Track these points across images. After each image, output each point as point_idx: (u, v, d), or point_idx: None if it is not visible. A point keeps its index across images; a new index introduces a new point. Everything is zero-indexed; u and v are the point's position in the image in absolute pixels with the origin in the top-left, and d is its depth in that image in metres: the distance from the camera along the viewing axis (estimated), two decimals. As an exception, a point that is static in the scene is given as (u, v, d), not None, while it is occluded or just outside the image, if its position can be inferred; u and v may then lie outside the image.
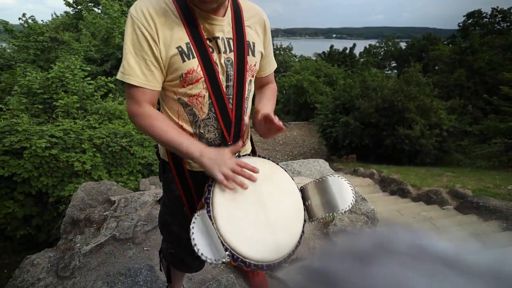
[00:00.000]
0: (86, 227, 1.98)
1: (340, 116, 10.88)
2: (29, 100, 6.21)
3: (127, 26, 0.75)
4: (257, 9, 0.94)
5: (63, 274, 1.54)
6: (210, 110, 0.87)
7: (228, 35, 0.84)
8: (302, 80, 17.45)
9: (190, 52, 0.78)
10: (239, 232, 0.76)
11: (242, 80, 0.89)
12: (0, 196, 3.39)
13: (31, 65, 13.52)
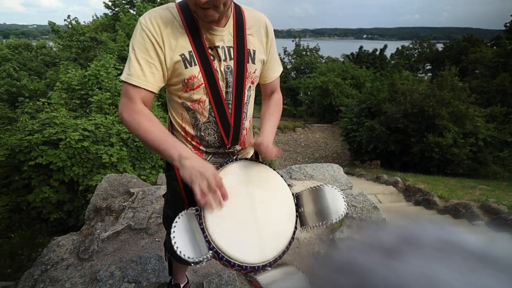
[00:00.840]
0: (106, 215, 2.15)
1: (365, 120, 10.51)
2: (68, 96, 6.77)
3: (135, 32, 0.82)
4: (260, 16, 0.96)
5: (83, 256, 1.70)
6: (210, 114, 0.91)
7: (229, 44, 0.88)
8: (328, 82, 17.08)
9: (192, 60, 0.83)
10: (226, 232, 0.80)
11: (241, 87, 0.92)
12: (39, 182, 3.76)
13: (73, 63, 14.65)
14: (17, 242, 3.78)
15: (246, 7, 0.95)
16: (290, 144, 15.22)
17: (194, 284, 1.50)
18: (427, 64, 27.73)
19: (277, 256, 0.83)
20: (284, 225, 0.88)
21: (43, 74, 15.91)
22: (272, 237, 0.85)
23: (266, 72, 1.04)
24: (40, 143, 3.67)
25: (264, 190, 0.91)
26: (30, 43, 21.55)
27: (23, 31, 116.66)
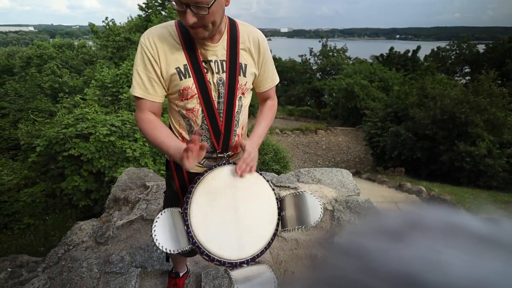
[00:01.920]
0: (123, 205, 2.35)
1: (390, 125, 10.08)
2: (101, 92, 7.32)
3: (138, 50, 0.93)
4: (253, 32, 1.03)
5: (99, 240, 1.89)
6: (203, 122, 1.00)
7: (222, 58, 0.95)
8: (353, 84, 16.58)
9: (187, 72, 0.92)
10: (209, 229, 0.89)
11: (232, 97, 0.99)
12: (71, 171, 4.14)
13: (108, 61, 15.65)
14: (51, 224, 4.20)
15: (242, 22, 1.03)
16: (311, 146, 15.03)
17: (193, 274, 1.61)
18: (466, 67, 25.77)
19: (254, 254, 0.90)
20: (264, 227, 0.95)
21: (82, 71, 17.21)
22: (252, 237, 0.92)
23: (259, 83, 1.11)
24: (73, 136, 4.05)
25: (248, 193, 0.98)
26: (72, 43, 23.41)
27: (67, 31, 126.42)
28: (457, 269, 0.20)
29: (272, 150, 5.29)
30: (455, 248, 0.22)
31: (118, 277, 1.55)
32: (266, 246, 0.93)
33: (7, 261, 1.90)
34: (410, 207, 0.37)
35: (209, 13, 0.80)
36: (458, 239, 0.24)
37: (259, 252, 0.91)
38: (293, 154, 13.83)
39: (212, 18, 0.83)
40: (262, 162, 5.04)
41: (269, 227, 0.96)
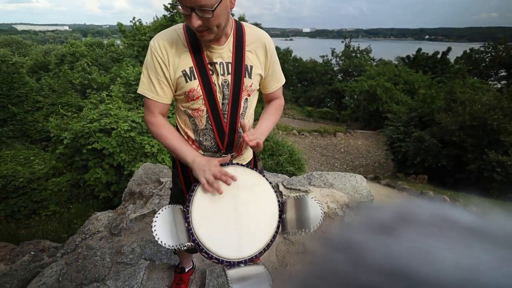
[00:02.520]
0: (138, 199, 2.44)
1: (413, 130, 9.64)
2: (126, 90, 7.64)
3: (147, 54, 0.97)
4: (259, 34, 1.03)
5: (113, 231, 1.98)
6: (208, 122, 1.02)
7: (228, 60, 0.96)
8: (376, 86, 16.04)
9: (192, 75, 0.95)
10: (209, 228, 0.90)
11: (237, 99, 1.00)
12: (94, 164, 4.37)
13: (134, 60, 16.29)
14: (74, 212, 4.46)
15: (248, 25, 1.03)
16: (328, 148, 14.74)
17: (199, 271, 1.64)
18: (502, 70, 24.00)
19: (252, 255, 0.90)
20: (264, 228, 0.95)
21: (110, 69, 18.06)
22: (251, 237, 0.92)
23: (266, 84, 1.11)
24: (97, 131, 4.27)
25: (250, 194, 0.99)
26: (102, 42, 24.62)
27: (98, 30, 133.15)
28: (447, 261, 0.20)
29: (287, 151, 5.25)
30: (445, 241, 0.23)
31: (128, 268, 1.62)
32: (265, 247, 0.93)
33: (31, 245, 2.04)
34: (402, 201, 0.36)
35: (214, 16, 0.81)
36: (448, 231, 0.24)
37: (257, 253, 0.91)
38: (310, 156, 13.63)
39: (217, 21, 0.84)
40: (276, 163, 5.02)
41: (269, 228, 0.95)
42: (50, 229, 3.93)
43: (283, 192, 2.40)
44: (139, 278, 1.54)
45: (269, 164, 4.92)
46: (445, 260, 0.21)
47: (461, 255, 0.21)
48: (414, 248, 0.23)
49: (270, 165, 4.91)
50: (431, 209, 0.28)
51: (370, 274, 0.22)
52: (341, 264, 0.25)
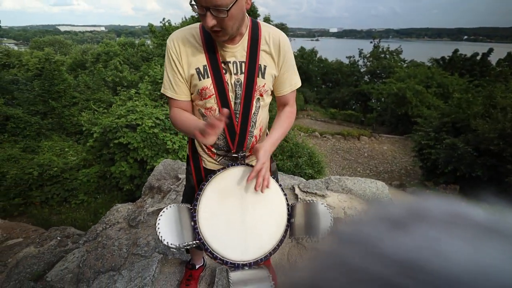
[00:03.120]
0: (156, 193, 2.52)
1: (445, 136, 9.03)
2: (152, 87, 7.97)
3: (166, 53, 0.99)
4: (275, 32, 1.01)
5: (131, 223, 2.06)
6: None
7: (242, 59, 0.96)
8: (405, 89, 15.22)
9: (206, 73, 0.95)
10: (215, 228, 0.89)
11: (250, 99, 0.99)
12: (120, 157, 4.60)
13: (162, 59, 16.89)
14: (100, 202, 4.74)
15: (264, 24, 1.02)
16: (351, 152, 14.26)
17: (209, 268, 1.65)
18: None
19: (258, 258, 0.88)
20: (270, 232, 0.93)
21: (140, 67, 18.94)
22: (257, 240, 0.91)
23: (278, 85, 1.08)
24: (123, 126, 4.49)
25: (258, 196, 0.97)
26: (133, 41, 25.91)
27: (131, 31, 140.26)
28: (460, 258, 0.20)
29: (306, 153, 5.15)
30: (458, 238, 0.23)
31: (142, 260, 1.67)
32: (271, 251, 0.91)
33: (58, 230, 2.19)
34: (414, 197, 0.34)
35: (228, 16, 0.80)
36: (461, 228, 0.24)
37: (263, 257, 0.89)
38: (331, 160, 13.29)
39: (232, 21, 0.83)
40: (295, 164, 4.95)
41: (276, 232, 0.93)
42: (78, 216, 4.20)
43: (299, 195, 2.35)
44: (151, 271, 1.59)
45: (288, 166, 4.86)
46: (458, 255, 0.21)
47: (474, 250, 0.21)
48: (425, 242, 0.23)
49: (288, 167, 4.85)
50: (443, 206, 0.28)
51: (380, 267, 0.22)
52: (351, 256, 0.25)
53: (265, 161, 0.96)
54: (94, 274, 1.62)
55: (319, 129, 18.42)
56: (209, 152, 1.12)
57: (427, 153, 9.42)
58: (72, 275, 1.66)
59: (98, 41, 44.70)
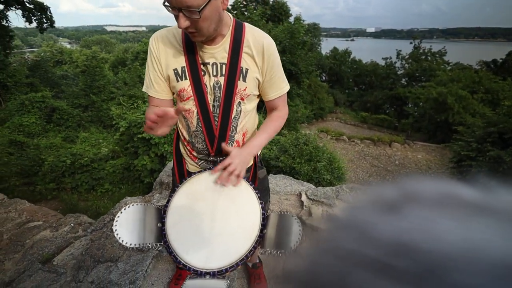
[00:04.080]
0: (165, 189, 2.59)
1: (490, 148, 8.12)
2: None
3: (148, 51, 0.98)
4: (259, 36, 0.95)
5: (136, 217, 2.14)
6: (198, 124, 0.99)
7: (222, 60, 0.92)
8: (447, 94, 14.00)
9: (184, 74, 0.93)
10: (181, 232, 0.86)
11: (230, 102, 0.95)
12: (143, 151, 4.83)
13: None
14: (123, 193, 5.02)
15: (250, 26, 0.97)
16: (381, 159, 13.48)
17: (201, 270, 1.65)
18: None
19: (222, 268, 0.84)
20: (239, 242, 0.87)
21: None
22: (222, 249, 0.86)
23: (265, 90, 1.03)
24: (147, 122, 4.70)
25: (231, 203, 0.92)
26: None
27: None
28: (451, 237, 0.21)
29: (326, 158, 4.96)
30: (449, 216, 0.23)
31: (138, 254, 1.72)
32: (238, 262, 0.85)
33: (73, 217, 2.34)
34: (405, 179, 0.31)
35: (202, 17, 0.77)
36: (452, 208, 0.25)
37: (228, 267, 0.84)
38: (358, 165, 12.69)
39: (206, 22, 0.80)
40: (313, 169, 4.79)
41: (244, 243, 0.87)
42: (102, 204, 4.49)
43: (305, 202, 2.25)
44: (145, 266, 1.62)
45: (305, 170, 4.72)
46: (450, 234, 0.21)
47: (466, 228, 0.22)
48: (417, 223, 0.23)
49: (306, 171, 4.70)
50: (434, 186, 0.28)
51: (374, 249, 0.22)
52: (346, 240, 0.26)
53: (236, 158, 0.92)
54: (93, 263, 1.70)
55: (348, 133, 17.70)
56: (191, 155, 1.10)
57: (467, 165, 8.56)
58: (75, 261, 1.75)
59: (139, 40, 47.73)
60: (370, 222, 0.26)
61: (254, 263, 1.60)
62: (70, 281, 1.59)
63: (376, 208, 0.28)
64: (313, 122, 20.18)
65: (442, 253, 0.20)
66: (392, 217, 0.25)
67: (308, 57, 15.15)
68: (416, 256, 0.20)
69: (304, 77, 14.38)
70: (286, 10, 20.13)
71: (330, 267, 0.25)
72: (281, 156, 5.13)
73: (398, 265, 0.20)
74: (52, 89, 12.44)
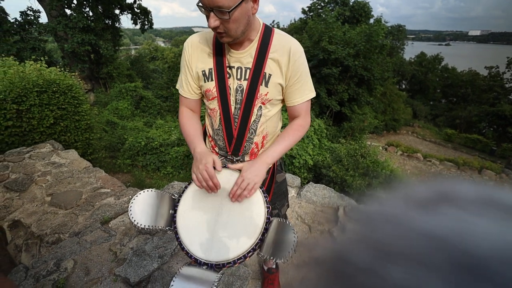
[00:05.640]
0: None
1: None
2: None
3: (182, 53, 1.08)
4: (287, 41, 0.95)
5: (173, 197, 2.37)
6: (220, 123, 1.05)
7: (247, 65, 0.96)
8: None
9: (210, 76, 0.99)
10: (187, 221, 0.92)
11: (250, 105, 0.99)
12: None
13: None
14: (182, 177, 5.59)
15: (279, 32, 0.97)
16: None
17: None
18: None
19: (220, 263, 0.87)
20: (238, 241, 0.89)
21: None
22: (222, 245, 0.89)
23: (287, 95, 1.02)
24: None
25: (238, 203, 0.94)
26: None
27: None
28: (489, 236, 0.21)
29: (385, 175, 4.46)
30: (488, 218, 0.23)
31: (171, 233, 1.91)
32: (236, 260, 0.87)
33: (132, 190, 2.74)
34: (440, 179, 0.28)
35: (231, 18, 0.81)
36: (489, 210, 0.24)
37: (225, 262, 0.87)
38: (432, 190, 10.93)
39: (235, 24, 0.84)
40: (367, 184, 4.38)
41: (244, 243, 0.88)
42: (162, 184, 5.10)
43: (340, 218, 2.09)
44: (174, 245, 1.78)
45: (358, 184, 4.35)
46: (487, 235, 0.21)
47: (504, 231, 0.21)
48: (455, 222, 0.23)
49: (358, 185, 4.33)
50: (474, 188, 0.28)
51: (411, 245, 0.23)
52: (381, 235, 0.26)
53: (247, 173, 0.94)
54: (136, 232, 1.96)
55: (425, 150, 15.46)
56: (214, 151, 1.16)
57: None
58: (124, 228, 2.06)
59: (219, 40, 51.90)
60: (404, 215, 0.26)
61: (269, 267, 1.58)
62: (116, 243, 1.88)
63: (409, 203, 0.27)
64: (384, 134, 18.33)
65: (477, 252, 0.20)
66: (426, 213, 0.25)
67: (385, 62, 13.81)
68: (451, 252, 0.20)
69: (378, 83, 13.18)
70: (368, 11, 18.77)
71: (361, 256, 0.25)
72: (334, 166, 4.86)
73: (431, 259, 0.20)
74: (143, 80, 14.71)
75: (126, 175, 5.13)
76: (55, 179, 2.75)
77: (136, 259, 1.67)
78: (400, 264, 0.22)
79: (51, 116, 3.66)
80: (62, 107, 3.77)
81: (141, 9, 15.62)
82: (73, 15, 11.56)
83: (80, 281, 1.60)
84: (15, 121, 3.45)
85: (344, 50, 12.11)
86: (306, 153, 5.27)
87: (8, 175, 2.75)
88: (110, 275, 1.62)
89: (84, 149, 4.11)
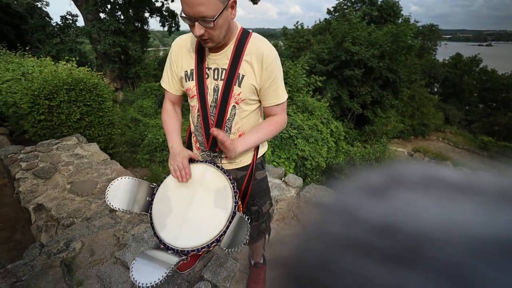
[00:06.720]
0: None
1: None
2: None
3: (169, 52, 1.16)
4: (261, 46, 1.01)
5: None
6: (198, 120, 1.13)
7: (223, 66, 1.03)
8: None
9: (191, 76, 1.08)
10: (162, 208, 1.01)
11: (225, 104, 1.06)
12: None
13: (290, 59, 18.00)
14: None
15: (255, 35, 1.04)
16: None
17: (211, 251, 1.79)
18: None
19: (185, 249, 0.94)
20: (204, 231, 0.95)
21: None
22: (188, 233, 0.96)
23: (262, 97, 1.09)
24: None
25: (208, 196, 1.02)
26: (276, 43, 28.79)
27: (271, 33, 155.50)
28: (433, 214, 0.22)
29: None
30: (432, 197, 0.24)
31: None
32: (199, 248, 0.94)
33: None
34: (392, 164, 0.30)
35: (215, 26, 0.89)
36: (434, 190, 0.25)
37: (190, 249, 0.94)
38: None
39: (218, 30, 0.91)
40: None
41: (209, 234, 0.95)
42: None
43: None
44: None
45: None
46: (431, 214, 0.22)
47: (447, 208, 0.22)
48: (400, 204, 0.24)
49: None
50: (419, 169, 0.29)
51: (359, 231, 0.24)
52: (331, 224, 0.27)
53: (228, 140, 0.99)
54: (139, 221, 2.10)
55: (456, 158, 14.46)
56: (195, 146, 1.24)
57: None
58: (129, 216, 2.21)
59: (243, 42, 52.57)
60: (354, 206, 0.26)
61: (256, 261, 1.63)
62: (121, 229, 2.04)
63: (360, 193, 0.28)
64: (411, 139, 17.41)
65: (422, 233, 0.20)
66: (376, 200, 0.25)
67: (413, 63, 13.13)
68: (398, 236, 0.21)
69: (404, 86, 12.58)
70: (397, 11, 17.98)
71: (315, 251, 0.25)
72: (346, 169, 4.75)
73: (380, 246, 0.21)
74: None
75: (144, 170, 5.41)
76: (76, 169, 3.00)
77: (135, 245, 1.80)
78: (346, 256, 0.22)
79: (78, 111, 3.99)
80: (88, 104, 4.09)
81: (169, 12, 16.33)
82: (106, 19, 12.39)
83: (85, 260, 1.76)
84: (47, 115, 3.82)
85: (368, 51, 11.72)
86: (320, 155, 5.20)
87: (37, 163, 3.06)
88: (112, 257, 1.77)
89: (106, 143, 4.42)
